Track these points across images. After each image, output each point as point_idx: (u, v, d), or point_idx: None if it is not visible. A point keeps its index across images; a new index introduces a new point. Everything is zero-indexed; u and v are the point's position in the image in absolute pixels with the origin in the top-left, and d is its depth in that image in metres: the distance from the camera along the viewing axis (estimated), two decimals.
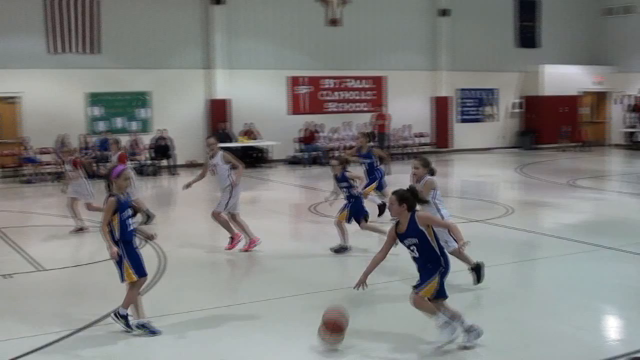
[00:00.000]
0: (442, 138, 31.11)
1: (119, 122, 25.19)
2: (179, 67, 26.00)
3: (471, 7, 30.91)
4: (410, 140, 29.56)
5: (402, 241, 7.43)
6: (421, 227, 7.29)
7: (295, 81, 28.20)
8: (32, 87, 23.68)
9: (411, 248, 7.37)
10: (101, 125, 24.78)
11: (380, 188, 14.97)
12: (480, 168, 25.69)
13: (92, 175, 22.70)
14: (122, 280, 7.97)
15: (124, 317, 7.98)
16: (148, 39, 25.35)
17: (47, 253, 12.30)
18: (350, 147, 27.84)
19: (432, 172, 9.81)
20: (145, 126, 25.55)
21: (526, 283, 10.77)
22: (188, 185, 12.53)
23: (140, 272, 8.02)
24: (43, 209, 18.20)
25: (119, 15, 24.82)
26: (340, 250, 11.80)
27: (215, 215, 12.19)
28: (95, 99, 24.83)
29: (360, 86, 29.50)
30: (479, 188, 21.38)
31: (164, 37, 25.65)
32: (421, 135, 30.15)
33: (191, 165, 25.02)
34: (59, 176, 22.67)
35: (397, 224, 7.43)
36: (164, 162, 24.90)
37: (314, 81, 28.61)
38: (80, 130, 24.13)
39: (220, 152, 12.29)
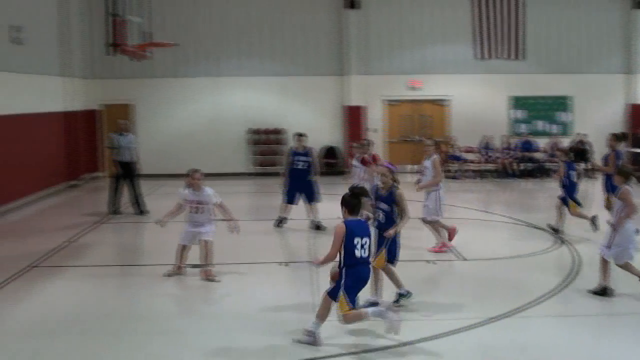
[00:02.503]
0: None
1: (539, 124, 25.95)
2: (599, 71, 25.88)
3: None
4: None
5: None
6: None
7: None
8: (459, 91, 25.62)
9: None
10: (522, 128, 25.78)
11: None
12: None
13: (513, 175, 23.93)
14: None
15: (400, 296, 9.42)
16: (569, 44, 25.68)
17: (468, 244, 13.43)
18: None
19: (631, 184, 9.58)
20: (565, 129, 25.90)
21: None
22: None
23: (392, 258, 9.28)
24: (463, 202, 19.61)
25: (543, 20, 25.60)
26: (554, 231, 14.13)
27: (427, 222, 12.82)
28: (517, 102, 25.89)
29: None
30: None
31: (585, 41, 25.73)
32: None
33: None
34: (480, 174, 24.22)
35: None
36: (582, 166, 24.92)
37: None
38: (502, 132, 25.36)
39: (435, 157, 12.71)
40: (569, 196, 14.08)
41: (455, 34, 25.59)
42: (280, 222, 15.25)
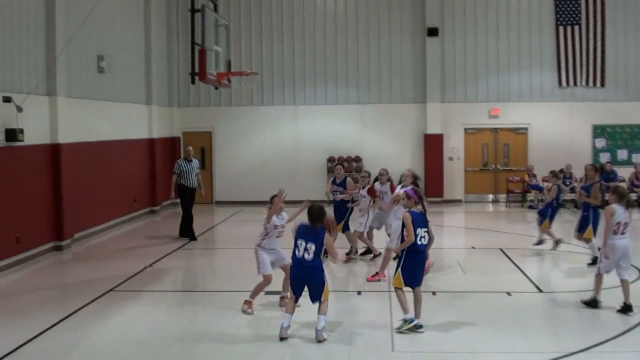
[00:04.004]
0: None
1: (621, 154, 25.22)
2: None
3: None
4: None
5: None
6: None
7: None
8: (538, 119, 25.21)
9: None
10: (604, 157, 25.09)
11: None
12: None
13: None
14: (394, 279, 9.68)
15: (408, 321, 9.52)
16: None
17: (544, 276, 13.17)
18: None
19: (625, 204, 10.24)
20: None
21: None
22: None
23: (412, 282, 9.56)
24: (541, 233, 19.14)
25: (621, 48, 25.01)
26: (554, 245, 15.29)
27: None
28: (598, 130, 25.28)
29: None
30: None
31: None
32: None
33: None
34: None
35: None
36: None
37: None
38: (585, 161, 24.62)
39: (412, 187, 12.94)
40: (550, 216, 15.48)
41: (532, 61, 25.26)
42: (350, 251, 15.25)
